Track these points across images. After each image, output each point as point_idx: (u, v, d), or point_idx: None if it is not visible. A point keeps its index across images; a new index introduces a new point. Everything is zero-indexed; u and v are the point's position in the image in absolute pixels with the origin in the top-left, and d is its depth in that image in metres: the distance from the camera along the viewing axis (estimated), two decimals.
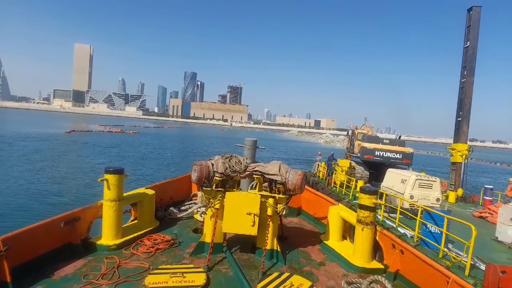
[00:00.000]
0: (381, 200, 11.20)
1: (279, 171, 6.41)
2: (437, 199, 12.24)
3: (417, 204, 10.70)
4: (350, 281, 5.65)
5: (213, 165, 6.45)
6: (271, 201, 6.35)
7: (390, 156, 20.31)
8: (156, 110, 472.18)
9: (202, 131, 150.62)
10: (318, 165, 24.88)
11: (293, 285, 5.29)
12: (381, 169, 18.43)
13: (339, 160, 21.87)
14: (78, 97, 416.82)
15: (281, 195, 6.47)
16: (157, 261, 5.93)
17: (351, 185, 16.98)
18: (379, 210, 11.73)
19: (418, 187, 12.32)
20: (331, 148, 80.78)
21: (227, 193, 6.28)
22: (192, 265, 5.76)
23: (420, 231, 9.15)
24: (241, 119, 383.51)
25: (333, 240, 7.42)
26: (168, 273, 5.27)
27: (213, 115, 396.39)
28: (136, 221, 7.63)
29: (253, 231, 6.12)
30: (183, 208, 8.88)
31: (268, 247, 6.19)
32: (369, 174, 20.99)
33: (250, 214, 6.07)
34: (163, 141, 71.90)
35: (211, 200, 6.38)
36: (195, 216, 8.51)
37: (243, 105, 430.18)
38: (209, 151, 54.34)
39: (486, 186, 17.56)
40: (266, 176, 6.56)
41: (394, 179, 13.69)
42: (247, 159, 7.05)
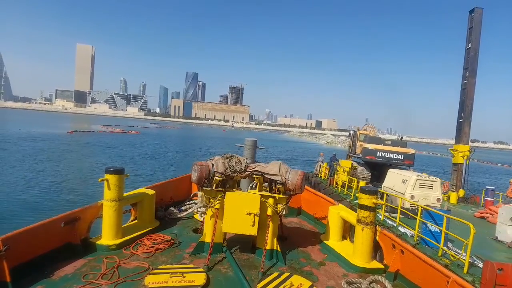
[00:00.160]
0: (382, 200, 11.21)
1: (279, 171, 6.40)
2: (438, 199, 12.27)
3: (417, 203, 10.72)
4: (350, 281, 5.63)
5: (213, 165, 6.44)
6: (271, 201, 6.34)
7: (392, 157, 20.32)
8: (157, 110, 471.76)
9: (203, 132, 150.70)
10: (320, 165, 24.89)
11: (293, 285, 5.27)
12: (383, 170, 18.43)
13: (340, 160, 21.89)
14: (80, 98, 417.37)
15: (281, 195, 6.45)
16: (157, 261, 5.92)
17: (352, 185, 17.00)
18: (380, 210, 11.75)
19: (419, 187, 12.37)
20: (332, 148, 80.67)
21: (227, 193, 6.26)
22: (192, 265, 5.76)
23: (420, 230, 9.18)
24: (242, 120, 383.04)
25: (333, 240, 7.40)
26: (168, 273, 5.26)
27: (215, 115, 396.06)
28: (136, 221, 7.62)
29: (253, 231, 6.11)
30: (183, 208, 8.87)
31: (268, 247, 6.18)
32: (370, 174, 21.02)
33: (250, 214, 6.06)
34: (164, 141, 71.96)
35: (211, 200, 6.36)
36: (195, 216, 8.50)
37: (244, 105, 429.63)
38: (210, 151, 54.35)
39: (488, 187, 17.58)
40: (266, 176, 6.55)
41: (395, 179, 13.73)
42: (247, 159, 7.04)
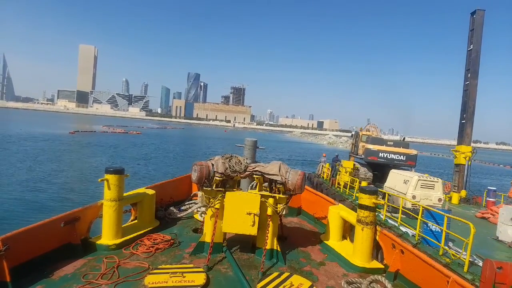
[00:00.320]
0: (384, 200, 11.22)
1: (279, 171, 6.39)
2: (439, 199, 12.27)
3: (418, 203, 10.71)
4: (350, 281, 5.62)
5: (213, 165, 6.44)
6: (271, 201, 6.33)
7: (394, 157, 20.27)
8: (159, 111, 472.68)
9: (205, 132, 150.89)
10: (322, 166, 24.89)
11: (293, 285, 5.26)
12: (385, 171, 18.41)
13: (343, 161, 21.89)
14: (82, 98, 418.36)
15: (281, 195, 6.45)
16: (157, 261, 5.91)
17: (354, 185, 17.00)
18: (382, 210, 11.75)
19: (420, 187, 12.38)
20: (334, 149, 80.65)
21: (227, 193, 6.26)
22: (191, 265, 5.75)
23: (421, 230, 9.19)
24: (244, 120, 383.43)
25: (333, 240, 7.39)
26: (168, 273, 5.25)
27: (216, 116, 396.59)
28: (136, 221, 7.62)
29: (253, 231, 6.10)
30: (183, 208, 8.87)
31: (268, 247, 6.17)
32: (372, 175, 20.99)
33: (250, 214, 6.06)
34: (165, 141, 72.07)
35: (211, 200, 6.36)
36: (195, 216, 8.50)
37: (246, 106, 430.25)
38: (211, 151, 54.36)
39: (489, 188, 17.56)
40: (266, 176, 6.54)
41: (397, 179, 13.73)
42: (247, 159, 7.04)
